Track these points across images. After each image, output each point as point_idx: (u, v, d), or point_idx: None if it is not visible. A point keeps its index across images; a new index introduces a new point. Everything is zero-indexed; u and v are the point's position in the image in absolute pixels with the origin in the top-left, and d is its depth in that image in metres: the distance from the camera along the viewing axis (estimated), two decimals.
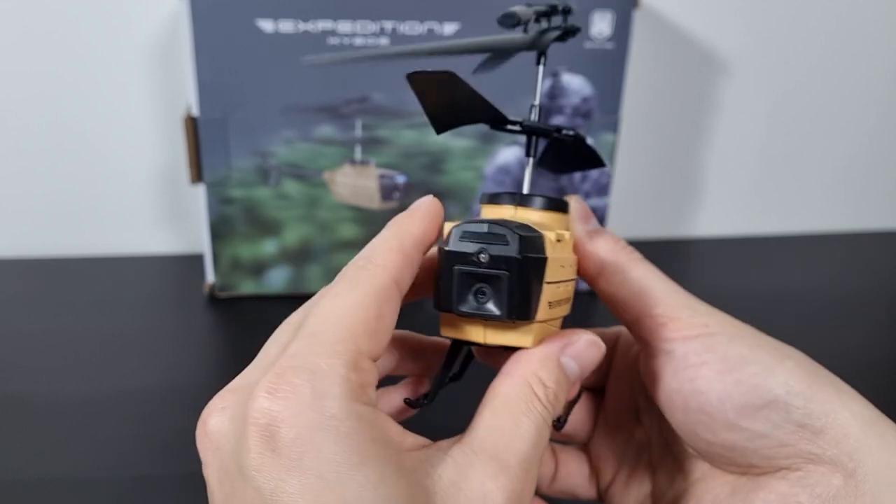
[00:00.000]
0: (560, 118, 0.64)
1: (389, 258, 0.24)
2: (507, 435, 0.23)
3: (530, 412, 0.24)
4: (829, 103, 0.82)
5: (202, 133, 0.60)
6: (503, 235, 0.24)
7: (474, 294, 0.24)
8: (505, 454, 0.23)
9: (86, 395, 0.55)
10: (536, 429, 0.24)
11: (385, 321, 0.23)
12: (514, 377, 0.25)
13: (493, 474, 0.22)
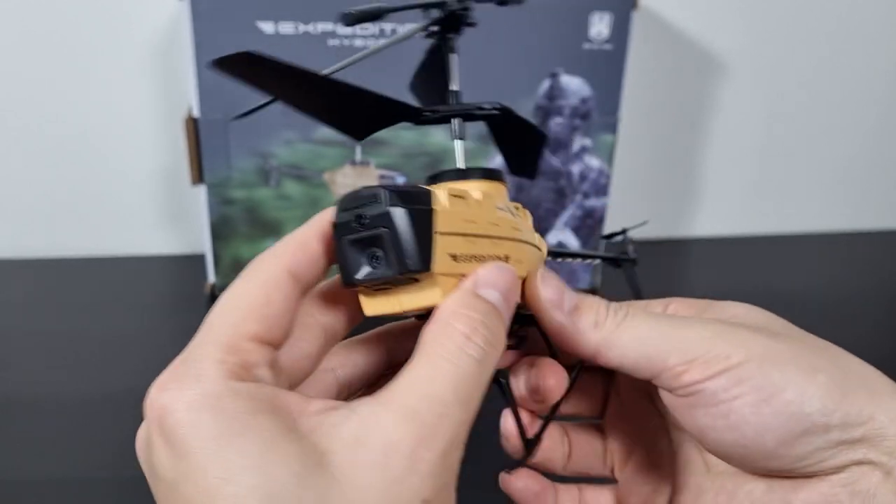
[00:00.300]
0: (559, 119, 0.64)
1: (285, 249, 0.25)
2: (420, 380, 0.22)
3: (452, 352, 0.23)
4: (828, 103, 0.82)
5: (203, 134, 0.61)
6: (375, 195, 0.24)
7: (369, 261, 0.24)
8: (414, 400, 0.22)
9: (86, 395, 0.55)
10: (457, 368, 0.23)
11: (274, 305, 0.24)
12: (432, 323, 0.24)
13: (399, 423, 0.21)
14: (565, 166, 0.66)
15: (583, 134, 0.65)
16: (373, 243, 0.24)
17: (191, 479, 0.21)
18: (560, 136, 0.65)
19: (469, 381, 0.23)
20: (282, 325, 0.24)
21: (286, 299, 0.24)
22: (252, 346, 0.23)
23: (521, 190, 0.66)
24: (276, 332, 0.24)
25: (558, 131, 0.64)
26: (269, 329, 0.23)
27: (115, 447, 0.50)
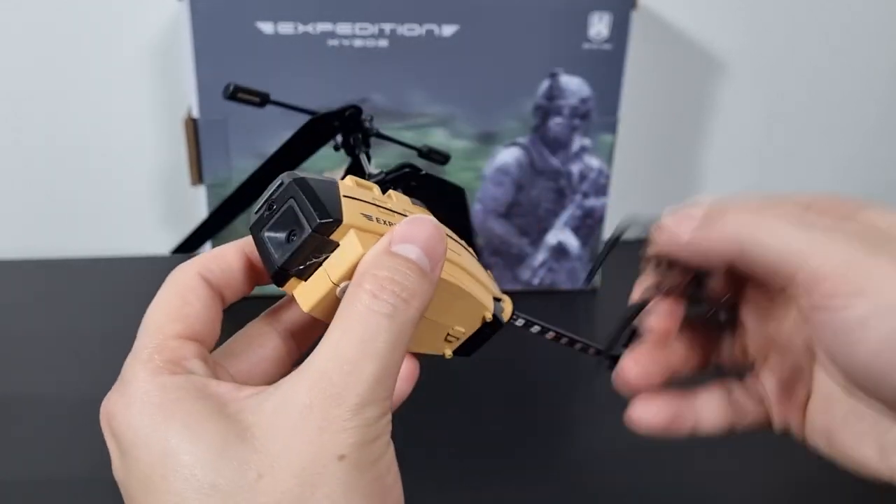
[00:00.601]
0: (558, 119, 0.64)
1: (197, 258, 0.27)
2: (331, 344, 0.23)
3: (359, 312, 0.23)
4: (828, 103, 0.82)
5: (203, 134, 0.61)
6: (279, 182, 0.26)
7: (287, 240, 0.25)
8: (324, 363, 0.23)
9: (87, 396, 0.55)
10: (364, 326, 0.23)
11: (192, 306, 0.26)
12: (349, 289, 0.24)
13: (310, 386, 0.23)
14: (565, 166, 0.66)
15: (582, 134, 0.65)
16: (286, 222, 0.25)
17: (132, 473, 0.24)
18: (559, 136, 0.65)
19: (379, 336, 0.23)
20: (203, 321, 0.26)
21: (201, 299, 0.26)
22: (178, 343, 0.25)
23: (520, 189, 0.66)
24: (198, 328, 0.26)
25: (558, 131, 0.65)
26: (190, 326, 0.26)
27: None
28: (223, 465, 0.22)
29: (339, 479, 0.23)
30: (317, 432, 0.23)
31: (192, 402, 0.23)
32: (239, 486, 0.22)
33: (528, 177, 0.66)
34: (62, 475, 0.48)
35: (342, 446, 0.23)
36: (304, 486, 0.22)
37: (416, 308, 0.24)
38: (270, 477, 0.22)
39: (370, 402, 0.23)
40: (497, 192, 0.66)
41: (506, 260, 0.68)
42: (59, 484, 0.47)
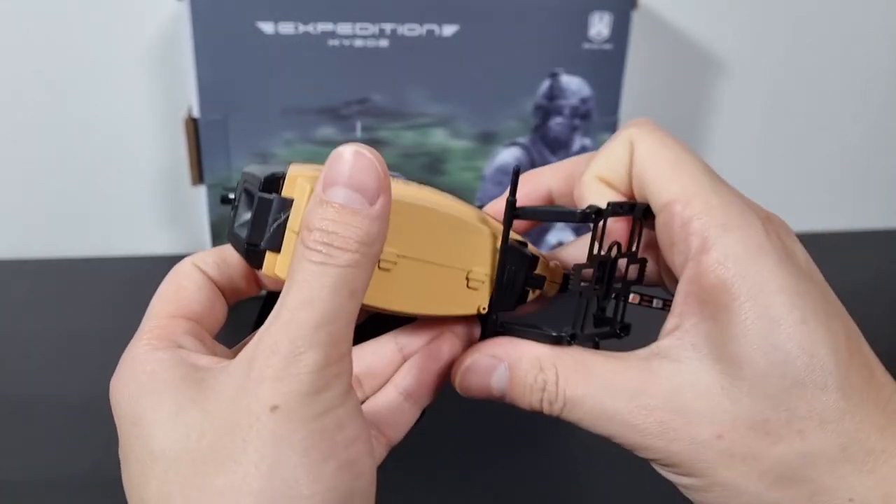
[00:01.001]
0: (559, 119, 0.64)
1: (196, 255, 0.29)
2: (278, 303, 0.23)
3: (293, 266, 0.23)
4: (827, 103, 0.82)
5: (203, 134, 0.61)
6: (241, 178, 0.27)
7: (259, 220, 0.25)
8: (267, 320, 0.23)
9: (88, 396, 0.55)
10: (299, 276, 0.23)
11: (186, 289, 0.27)
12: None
13: (255, 342, 0.23)
14: None
15: (583, 134, 0.65)
16: (245, 205, 0.26)
17: (121, 447, 0.25)
18: (560, 136, 0.65)
19: (314, 283, 0.22)
20: (198, 301, 0.27)
21: (195, 282, 0.28)
22: (169, 321, 0.26)
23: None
24: (193, 308, 0.27)
25: (558, 131, 0.65)
26: (184, 306, 0.27)
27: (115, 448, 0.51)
28: (173, 430, 0.23)
29: (269, 431, 0.22)
30: (252, 384, 0.22)
31: (164, 372, 0.24)
32: (183, 449, 0.23)
33: None
34: (61, 476, 0.48)
35: (275, 396, 0.22)
36: (236, 441, 0.22)
37: (355, 249, 0.23)
38: (210, 435, 0.22)
39: (307, 347, 0.22)
40: (497, 192, 0.66)
41: None
42: (59, 484, 0.47)
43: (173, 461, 0.23)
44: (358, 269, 0.23)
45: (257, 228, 0.25)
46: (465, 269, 0.27)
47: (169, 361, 0.25)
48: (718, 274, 0.24)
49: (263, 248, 0.25)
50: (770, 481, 0.24)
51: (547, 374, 0.26)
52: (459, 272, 0.27)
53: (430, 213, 0.26)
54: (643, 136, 0.27)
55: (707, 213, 0.25)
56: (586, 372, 0.26)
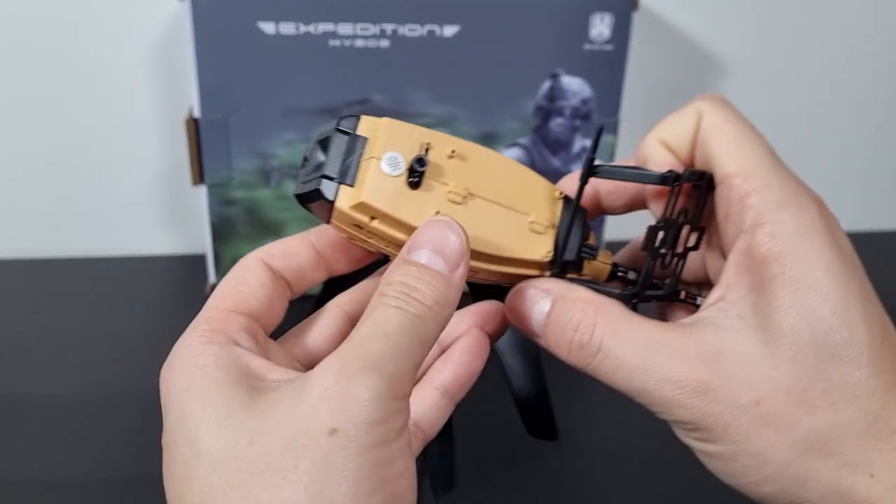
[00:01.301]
0: (560, 120, 0.64)
1: (264, 246, 0.29)
2: (351, 335, 0.24)
3: (376, 306, 0.24)
4: (829, 104, 0.82)
5: (204, 135, 0.61)
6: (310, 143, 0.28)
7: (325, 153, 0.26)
8: (343, 344, 0.23)
9: (88, 396, 0.55)
10: (379, 313, 0.24)
11: (247, 285, 0.28)
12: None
13: (323, 363, 0.23)
14: (566, 167, 0.66)
15: (583, 135, 0.65)
16: (320, 147, 0.27)
17: (169, 433, 0.24)
18: (561, 137, 0.65)
19: (389, 321, 0.23)
20: (258, 297, 0.27)
21: (257, 278, 0.28)
22: (226, 315, 0.26)
23: None
24: (252, 304, 0.27)
25: (559, 132, 0.65)
26: (242, 301, 0.27)
27: (116, 448, 0.51)
28: (221, 433, 0.23)
29: (323, 454, 0.22)
30: (313, 402, 0.22)
31: (216, 370, 0.24)
32: (231, 455, 0.22)
33: None
34: (63, 475, 0.48)
35: (335, 418, 0.22)
36: (287, 457, 0.22)
37: (431, 304, 0.24)
38: (261, 445, 0.22)
39: (375, 375, 0.22)
40: None
41: None
42: (59, 484, 0.47)
43: (219, 465, 0.22)
44: (430, 322, 0.24)
45: (332, 165, 0.26)
46: (527, 212, 0.28)
47: (223, 359, 0.25)
48: (770, 247, 0.25)
49: (339, 182, 0.26)
50: (800, 451, 0.24)
51: (586, 315, 0.27)
52: (522, 216, 0.28)
53: (494, 157, 0.28)
54: (712, 109, 0.28)
55: (765, 189, 0.26)
56: (628, 323, 0.26)
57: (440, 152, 0.27)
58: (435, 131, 0.28)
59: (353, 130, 0.26)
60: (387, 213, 0.26)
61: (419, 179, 0.26)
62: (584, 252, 0.29)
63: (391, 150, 0.26)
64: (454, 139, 0.28)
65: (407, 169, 0.26)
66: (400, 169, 0.26)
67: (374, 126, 0.26)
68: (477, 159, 0.28)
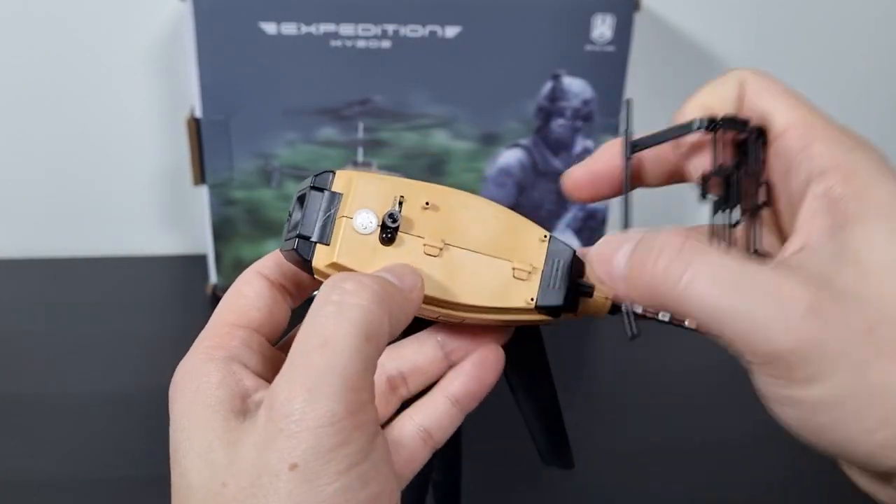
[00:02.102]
0: (561, 121, 0.64)
1: (258, 262, 0.29)
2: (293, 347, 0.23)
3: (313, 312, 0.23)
4: (828, 105, 0.81)
5: (205, 135, 0.61)
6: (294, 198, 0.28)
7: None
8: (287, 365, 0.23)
9: (88, 395, 0.55)
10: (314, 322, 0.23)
11: (246, 297, 0.28)
12: None
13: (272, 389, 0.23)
14: (567, 168, 0.66)
15: (585, 136, 0.65)
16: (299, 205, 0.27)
17: (172, 452, 0.24)
18: (562, 138, 0.65)
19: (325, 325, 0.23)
20: (257, 308, 0.28)
21: (255, 289, 0.28)
22: (228, 330, 0.27)
23: (522, 191, 0.66)
24: (253, 315, 0.28)
25: (560, 133, 0.64)
26: (243, 315, 0.27)
27: (115, 447, 0.51)
28: (202, 469, 0.23)
29: (289, 493, 0.21)
30: (270, 437, 0.22)
31: (208, 394, 0.24)
32: (211, 491, 0.22)
33: (530, 178, 0.66)
34: (63, 475, 0.48)
35: (292, 452, 0.21)
36: (258, 497, 0.21)
37: (371, 293, 0.23)
38: (233, 485, 0.22)
39: (323, 396, 0.21)
40: (499, 194, 0.66)
41: None
42: (59, 484, 0.47)
43: (203, 501, 0.23)
44: (374, 313, 0.23)
45: (308, 223, 0.26)
46: (509, 258, 0.28)
47: (216, 382, 0.25)
48: (848, 187, 0.24)
49: (314, 241, 0.26)
50: None
51: (673, 236, 0.24)
52: (504, 262, 0.28)
53: (474, 203, 0.28)
54: (756, 74, 0.28)
55: (829, 136, 0.25)
56: (720, 249, 0.24)
57: (414, 204, 0.27)
58: (410, 181, 0.27)
59: (328, 187, 0.27)
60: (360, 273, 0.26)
61: (392, 235, 0.26)
62: (579, 290, 0.28)
63: (363, 207, 0.26)
64: (431, 187, 0.27)
65: (379, 226, 0.26)
66: (372, 226, 0.26)
67: (348, 181, 0.27)
68: (454, 207, 0.27)
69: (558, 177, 0.71)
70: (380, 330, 0.23)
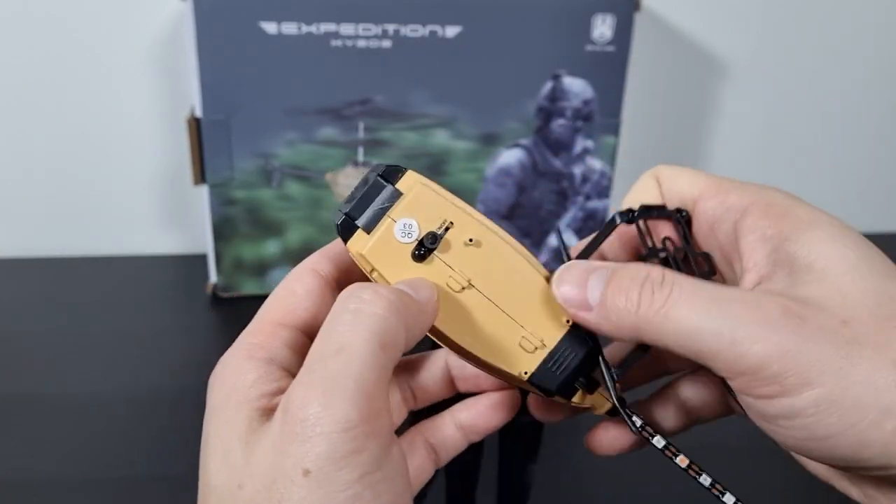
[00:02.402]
0: (561, 121, 0.64)
1: (311, 257, 0.29)
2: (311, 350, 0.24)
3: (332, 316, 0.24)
4: (829, 106, 0.82)
5: (205, 134, 0.61)
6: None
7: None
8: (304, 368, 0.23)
9: (88, 395, 0.55)
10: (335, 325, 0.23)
11: (297, 295, 0.27)
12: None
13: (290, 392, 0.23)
14: (567, 168, 0.66)
15: (585, 136, 0.65)
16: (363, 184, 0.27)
17: (203, 432, 0.25)
18: (562, 138, 0.65)
19: (343, 330, 0.23)
20: (305, 307, 0.27)
21: (305, 286, 0.28)
22: (272, 329, 0.27)
23: (522, 191, 0.66)
24: (299, 314, 0.27)
25: (560, 133, 0.64)
26: (290, 312, 0.27)
27: (116, 447, 0.51)
28: (221, 470, 0.23)
29: (302, 498, 0.21)
30: (286, 441, 0.22)
31: (239, 392, 0.24)
32: (229, 493, 0.23)
33: (530, 178, 0.66)
34: (63, 475, 0.48)
35: (306, 457, 0.21)
36: (270, 502, 0.21)
37: (388, 303, 0.23)
38: (249, 488, 0.22)
39: (339, 401, 0.21)
40: (499, 194, 0.66)
41: None
42: (59, 483, 0.47)
43: (221, 500, 0.23)
44: (389, 321, 0.23)
45: (361, 206, 0.27)
46: (523, 324, 0.27)
47: (250, 382, 0.25)
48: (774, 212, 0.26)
49: (358, 225, 0.26)
50: None
51: (653, 270, 0.25)
52: (517, 326, 0.27)
53: (514, 257, 0.27)
54: (665, 167, 0.30)
55: (736, 187, 0.28)
56: (690, 277, 0.25)
57: (460, 234, 0.27)
58: (469, 210, 0.27)
59: (393, 182, 0.27)
60: (381, 274, 0.26)
61: (424, 255, 0.26)
62: (582, 384, 0.28)
63: (410, 218, 0.26)
64: (481, 224, 0.27)
65: (417, 240, 0.26)
66: (411, 238, 0.26)
67: (412, 185, 0.27)
68: (493, 253, 0.27)
69: (558, 177, 0.72)
70: (396, 339, 0.23)
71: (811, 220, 0.26)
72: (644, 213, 0.29)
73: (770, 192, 0.27)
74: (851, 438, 0.22)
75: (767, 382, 0.23)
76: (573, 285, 0.26)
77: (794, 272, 0.25)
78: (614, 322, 0.25)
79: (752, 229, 0.26)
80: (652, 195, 0.30)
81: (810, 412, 0.22)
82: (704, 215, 0.28)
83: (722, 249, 0.28)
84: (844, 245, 0.24)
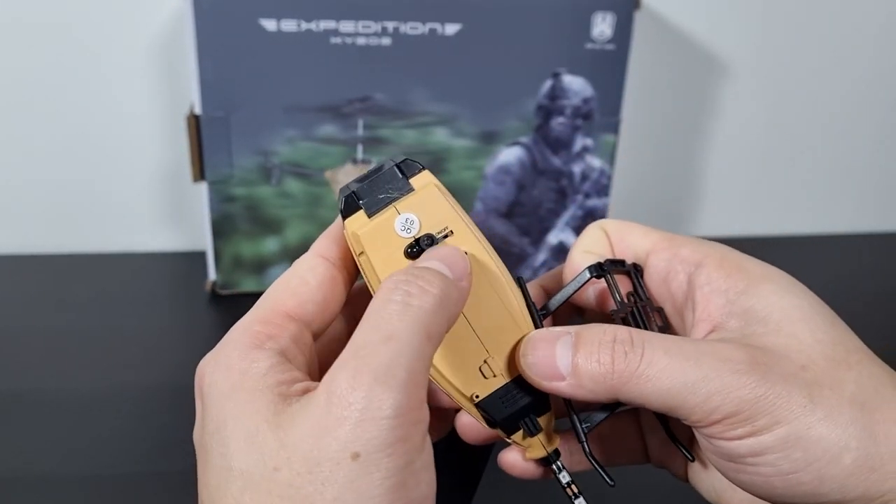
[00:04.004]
0: (561, 119, 0.64)
1: (319, 242, 0.29)
2: (354, 335, 0.23)
3: (375, 305, 0.24)
4: (829, 105, 0.82)
5: (205, 131, 0.61)
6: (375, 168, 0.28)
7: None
8: (345, 351, 0.23)
9: (87, 393, 0.55)
10: (381, 314, 0.23)
11: (309, 286, 0.27)
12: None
13: (333, 376, 0.22)
14: (567, 166, 0.66)
15: (584, 134, 0.65)
16: (378, 167, 0.28)
17: (202, 434, 0.24)
18: (562, 137, 0.65)
19: (392, 320, 0.23)
20: (315, 300, 0.27)
21: (318, 277, 0.27)
22: (281, 320, 0.26)
23: (522, 189, 0.66)
24: (308, 308, 0.27)
25: (560, 131, 0.65)
26: (301, 305, 0.27)
27: (116, 445, 0.51)
28: (249, 452, 0.23)
29: (349, 481, 0.21)
30: (333, 423, 0.22)
31: (255, 379, 0.24)
32: (260, 475, 0.22)
33: (529, 177, 0.66)
34: (63, 473, 0.48)
35: (356, 441, 0.21)
36: (314, 484, 0.21)
37: (435, 294, 0.24)
38: (286, 470, 0.22)
39: (389, 387, 0.22)
40: (498, 192, 0.66)
41: (506, 260, 0.68)
42: (59, 482, 0.47)
43: (249, 484, 0.22)
44: (437, 314, 0.24)
45: (370, 189, 0.27)
46: (489, 352, 0.27)
47: (264, 369, 0.24)
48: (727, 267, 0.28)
49: (361, 206, 0.27)
50: (859, 404, 0.25)
51: (619, 330, 0.26)
52: (482, 351, 0.27)
53: (502, 283, 0.28)
54: (612, 221, 0.32)
55: (688, 242, 0.29)
56: (656, 334, 0.27)
57: (457, 244, 0.27)
58: (471, 225, 0.27)
59: (408, 176, 0.27)
60: (369, 259, 0.26)
61: (417, 254, 0.26)
62: (525, 424, 0.28)
63: (414, 214, 0.27)
64: (480, 244, 0.27)
65: (415, 238, 0.26)
66: (409, 234, 0.27)
67: (425, 184, 0.27)
68: (483, 275, 0.27)
69: (558, 175, 0.72)
70: (440, 330, 0.24)
71: (764, 275, 0.28)
72: (610, 267, 0.30)
73: (721, 248, 0.29)
74: (813, 473, 0.24)
75: (739, 425, 0.25)
76: (540, 356, 0.27)
77: (749, 323, 0.27)
78: (590, 388, 0.26)
79: (708, 281, 0.28)
80: (601, 246, 0.31)
81: (778, 448, 0.25)
82: (657, 268, 0.30)
83: (674, 301, 0.30)
84: (796, 296, 0.27)
